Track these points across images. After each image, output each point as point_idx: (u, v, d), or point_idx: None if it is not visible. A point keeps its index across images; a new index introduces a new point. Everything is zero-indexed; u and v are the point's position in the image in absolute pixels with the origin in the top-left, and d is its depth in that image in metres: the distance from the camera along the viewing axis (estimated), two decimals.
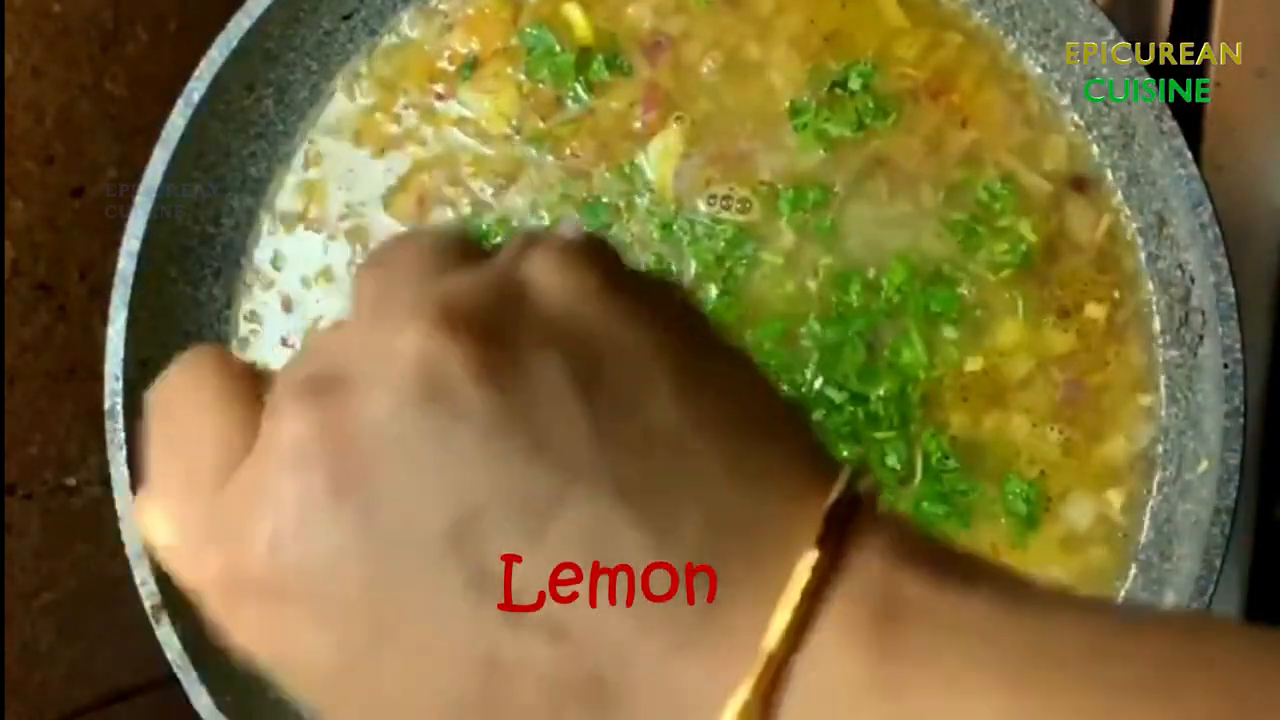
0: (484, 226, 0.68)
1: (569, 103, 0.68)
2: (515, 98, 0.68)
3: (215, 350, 0.30)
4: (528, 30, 0.68)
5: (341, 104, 0.71)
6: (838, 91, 0.66)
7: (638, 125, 0.67)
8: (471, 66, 0.69)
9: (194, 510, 0.28)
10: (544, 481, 0.26)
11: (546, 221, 0.68)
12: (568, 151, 0.68)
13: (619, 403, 0.26)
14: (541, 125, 0.68)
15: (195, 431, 0.28)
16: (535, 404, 0.26)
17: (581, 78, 0.68)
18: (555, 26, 0.68)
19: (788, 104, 0.66)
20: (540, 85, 0.68)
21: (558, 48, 0.68)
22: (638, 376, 0.27)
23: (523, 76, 0.68)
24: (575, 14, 0.68)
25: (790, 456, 0.28)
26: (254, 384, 0.29)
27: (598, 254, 0.29)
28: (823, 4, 0.67)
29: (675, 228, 0.67)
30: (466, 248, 0.30)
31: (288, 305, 0.71)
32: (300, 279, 0.71)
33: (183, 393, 0.29)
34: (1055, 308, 0.65)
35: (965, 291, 0.65)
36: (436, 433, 0.26)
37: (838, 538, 0.26)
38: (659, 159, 0.67)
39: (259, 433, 0.28)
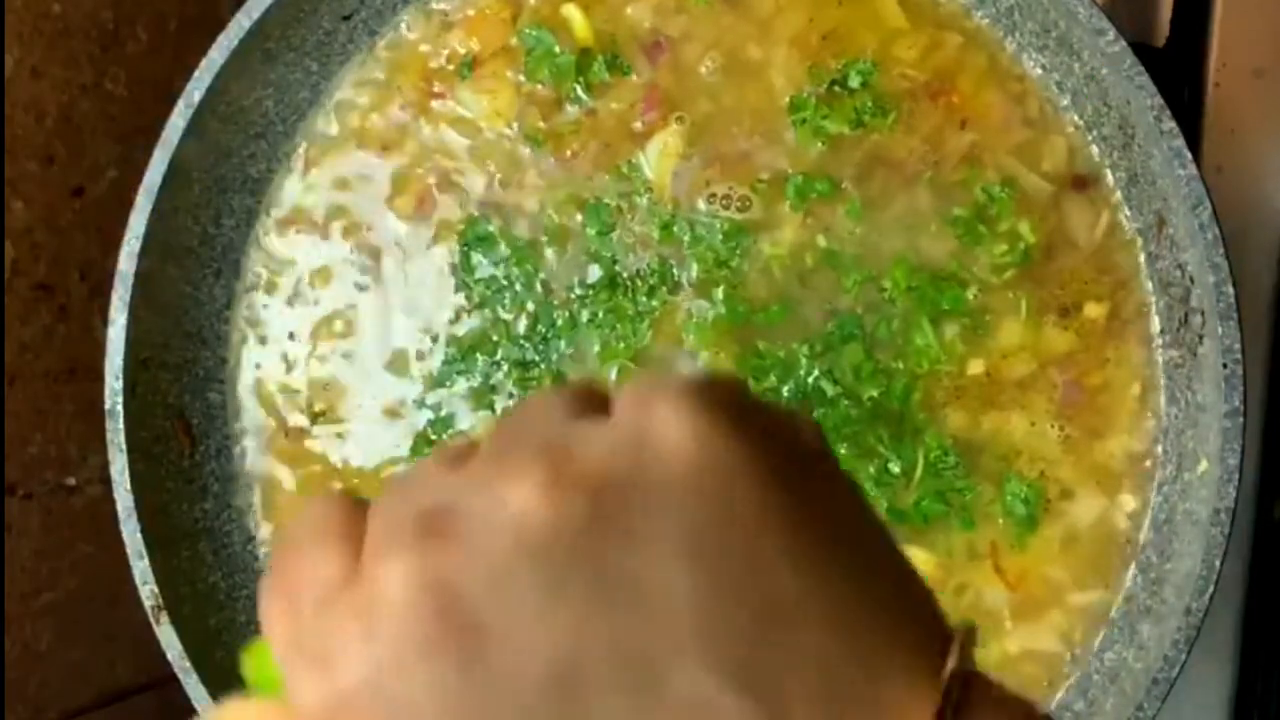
0: (489, 229, 0.68)
1: (569, 103, 0.68)
2: (513, 98, 0.68)
3: (336, 494, 0.32)
4: (527, 31, 0.68)
5: (341, 104, 0.71)
6: (837, 89, 0.66)
7: (638, 125, 0.67)
8: (470, 66, 0.69)
9: (292, 633, 0.29)
10: (649, 645, 0.26)
11: (554, 221, 0.68)
12: (568, 152, 0.68)
13: (732, 577, 0.26)
14: (541, 125, 0.68)
15: (300, 562, 0.30)
16: (644, 570, 0.26)
17: (581, 78, 0.68)
18: (555, 27, 0.68)
19: (788, 100, 0.66)
20: (539, 85, 0.68)
21: (557, 48, 0.68)
22: (754, 548, 0.27)
23: (521, 77, 0.68)
24: (575, 15, 0.68)
25: (908, 626, 0.28)
26: (362, 521, 0.30)
27: (720, 399, 0.29)
28: (822, 3, 0.67)
29: (675, 229, 0.67)
30: (594, 399, 0.30)
31: (288, 305, 0.71)
32: (300, 279, 0.71)
33: (301, 527, 0.31)
34: (1055, 307, 0.65)
35: (971, 296, 0.65)
36: (542, 585, 0.26)
37: (954, 713, 0.26)
38: (658, 159, 0.67)
39: (361, 568, 0.28)
